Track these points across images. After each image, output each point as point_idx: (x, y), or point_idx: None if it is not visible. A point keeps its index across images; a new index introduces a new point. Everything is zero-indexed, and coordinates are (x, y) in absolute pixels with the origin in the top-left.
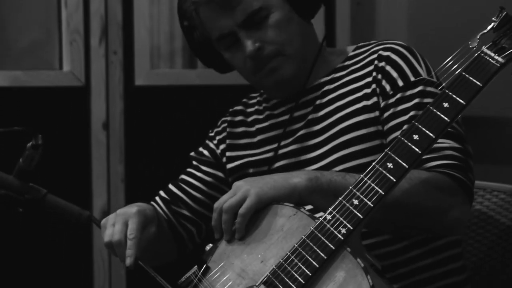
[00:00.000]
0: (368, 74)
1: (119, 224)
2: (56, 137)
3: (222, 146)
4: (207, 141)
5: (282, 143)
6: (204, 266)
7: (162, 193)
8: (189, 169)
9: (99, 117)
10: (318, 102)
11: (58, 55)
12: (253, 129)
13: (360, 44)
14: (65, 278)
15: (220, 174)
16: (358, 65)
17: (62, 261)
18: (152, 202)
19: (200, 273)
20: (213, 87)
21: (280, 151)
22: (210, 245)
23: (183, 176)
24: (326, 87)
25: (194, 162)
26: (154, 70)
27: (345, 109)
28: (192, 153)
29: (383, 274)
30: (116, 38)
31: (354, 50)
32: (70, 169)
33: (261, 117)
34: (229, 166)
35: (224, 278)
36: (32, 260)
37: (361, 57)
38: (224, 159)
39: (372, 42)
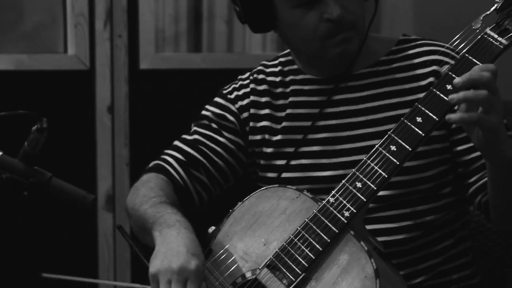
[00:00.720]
0: (418, 77)
1: (179, 284)
2: (61, 120)
3: (245, 114)
4: (226, 103)
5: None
6: (207, 249)
7: (176, 154)
8: (205, 131)
9: (104, 100)
10: (358, 94)
11: (62, 39)
12: (278, 102)
13: (402, 37)
14: (70, 261)
15: (241, 142)
16: (404, 63)
17: (66, 245)
18: (161, 163)
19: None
20: (218, 71)
21: (310, 136)
22: (213, 227)
23: (202, 139)
24: (369, 80)
25: (214, 125)
26: (159, 54)
27: (389, 111)
28: (209, 113)
29: (386, 257)
30: (120, 21)
31: (397, 44)
32: (75, 152)
33: (287, 90)
34: (251, 137)
35: (227, 261)
36: (37, 244)
37: (405, 53)
38: (247, 128)
39: (415, 38)
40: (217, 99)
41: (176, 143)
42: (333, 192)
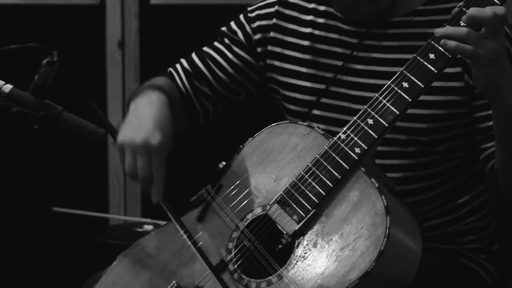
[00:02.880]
0: None
1: (143, 158)
2: (72, 55)
3: (259, 35)
4: (243, 21)
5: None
6: (218, 184)
7: (184, 63)
8: (218, 45)
9: (114, 36)
10: (389, 43)
11: None
12: (306, 30)
13: None
14: (80, 196)
15: (251, 60)
16: (438, 18)
17: (77, 179)
18: (171, 69)
19: (213, 191)
20: (230, 6)
21: (337, 76)
22: (223, 163)
23: (211, 52)
24: (401, 30)
25: (226, 40)
26: None
27: None
28: (224, 29)
29: (397, 193)
30: None
31: None
32: (85, 87)
33: (319, 21)
34: (269, 62)
35: (238, 197)
36: (48, 178)
37: (442, 6)
38: (259, 49)
39: None
40: (240, 15)
41: (193, 53)
42: (345, 128)
